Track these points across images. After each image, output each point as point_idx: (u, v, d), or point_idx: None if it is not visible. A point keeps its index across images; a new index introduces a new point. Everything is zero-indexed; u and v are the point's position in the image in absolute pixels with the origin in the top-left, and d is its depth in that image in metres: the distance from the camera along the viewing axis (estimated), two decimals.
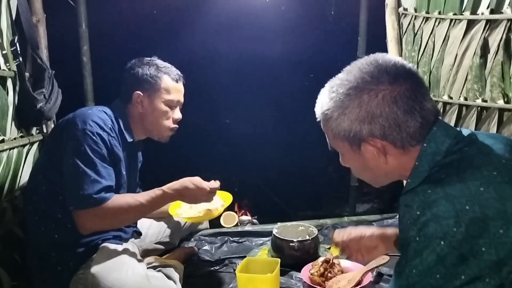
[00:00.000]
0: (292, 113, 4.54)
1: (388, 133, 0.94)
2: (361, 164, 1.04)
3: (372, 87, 0.94)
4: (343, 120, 0.97)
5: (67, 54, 2.47)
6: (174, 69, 1.82)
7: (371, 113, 0.94)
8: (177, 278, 1.70)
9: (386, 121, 0.93)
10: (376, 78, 0.95)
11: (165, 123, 1.80)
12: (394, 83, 0.94)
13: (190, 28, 3.94)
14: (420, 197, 0.87)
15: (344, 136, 0.99)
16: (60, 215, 1.61)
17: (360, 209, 3.76)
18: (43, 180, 1.64)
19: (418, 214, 0.85)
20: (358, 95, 0.95)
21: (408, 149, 0.96)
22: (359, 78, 0.96)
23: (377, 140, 0.96)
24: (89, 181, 1.52)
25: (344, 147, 1.03)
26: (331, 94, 1.00)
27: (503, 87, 2.01)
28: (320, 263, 1.82)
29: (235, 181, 4.25)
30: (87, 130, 1.56)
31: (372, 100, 0.94)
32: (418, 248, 0.85)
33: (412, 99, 0.93)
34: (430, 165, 0.94)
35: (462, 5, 2.14)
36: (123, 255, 1.61)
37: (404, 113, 0.93)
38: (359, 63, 1.00)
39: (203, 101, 4.19)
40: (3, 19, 1.82)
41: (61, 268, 1.60)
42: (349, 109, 0.96)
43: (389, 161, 0.99)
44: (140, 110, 1.77)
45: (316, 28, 4.04)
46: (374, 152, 0.98)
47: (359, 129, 0.96)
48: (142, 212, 1.65)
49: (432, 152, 0.94)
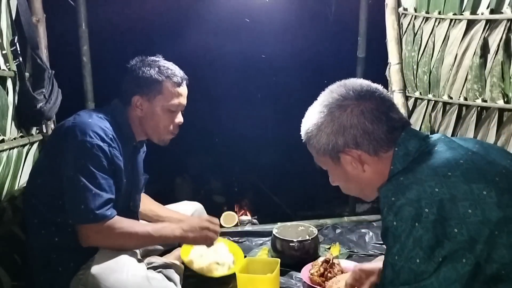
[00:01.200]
0: (292, 113, 4.53)
1: (360, 142, 1.05)
2: (344, 177, 1.14)
3: (341, 103, 1.07)
4: (321, 136, 1.09)
5: (67, 54, 2.47)
6: (178, 71, 1.75)
7: (342, 125, 1.06)
8: (177, 280, 1.69)
9: (356, 131, 1.05)
10: (344, 96, 1.08)
11: (166, 128, 1.75)
12: (360, 99, 1.06)
13: (190, 28, 3.94)
14: (394, 184, 0.96)
15: (325, 150, 1.10)
16: (60, 219, 1.59)
17: (360, 209, 3.76)
18: (42, 185, 1.62)
19: (393, 200, 0.92)
20: (330, 111, 1.08)
21: (380, 156, 1.06)
22: (330, 97, 1.10)
23: (352, 150, 1.06)
24: (90, 195, 1.51)
25: (327, 162, 1.14)
26: (309, 115, 1.14)
27: (503, 87, 2.01)
28: (320, 263, 1.82)
29: (235, 181, 4.26)
30: (87, 143, 1.52)
31: (342, 115, 1.06)
32: (397, 233, 0.90)
33: (377, 110, 1.05)
34: (403, 166, 1.03)
35: (462, 5, 2.15)
36: (123, 256, 1.60)
37: (371, 123, 1.04)
38: (331, 87, 1.14)
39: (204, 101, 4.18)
40: (3, 19, 1.82)
41: (61, 269, 1.60)
42: (324, 125, 1.08)
43: (366, 169, 1.08)
44: (140, 114, 1.72)
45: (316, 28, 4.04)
46: (352, 162, 1.08)
47: (335, 141, 1.07)
48: (148, 242, 1.69)
49: (404, 153, 1.04)
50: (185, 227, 1.68)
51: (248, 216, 2.77)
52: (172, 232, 1.67)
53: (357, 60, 2.71)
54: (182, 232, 1.67)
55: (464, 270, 0.84)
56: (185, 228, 1.68)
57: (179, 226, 1.69)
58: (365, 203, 3.96)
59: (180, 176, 4.14)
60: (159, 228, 1.67)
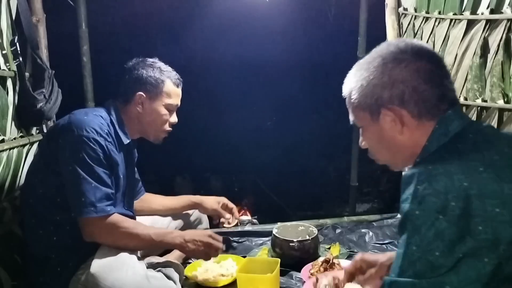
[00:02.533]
0: (292, 113, 4.55)
1: (407, 100, 0.99)
2: (378, 136, 1.07)
3: (397, 57, 1.00)
4: (366, 87, 1.03)
5: (67, 54, 2.48)
6: (175, 73, 1.84)
7: (393, 78, 0.99)
8: (177, 278, 1.70)
9: (406, 87, 0.98)
10: (402, 51, 1.01)
11: (162, 126, 1.82)
12: (417, 57, 1.00)
13: (190, 28, 3.94)
14: (421, 171, 0.90)
15: (366, 104, 1.04)
16: (59, 217, 1.61)
17: (360, 209, 3.77)
18: (39, 184, 1.64)
19: (418, 187, 0.88)
20: (383, 63, 1.01)
21: (423, 122, 1.00)
22: (386, 50, 1.03)
23: (396, 107, 1.00)
24: (90, 188, 1.54)
25: (364, 118, 1.07)
26: (357, 67, 1.08)
27: (503, 87, 2.01)
28: (320, 263, 1.83)
29: (235, 181, 4.26)
30: (83, 137, 1.56)
31: (395, 68, 0.99)
32: (418, 223, 0.86)
33: (433, 72, 0.99)
34: (438, 146, 0.98)
35: (462, 5, 2.14)
36: (123, 255, 1.60)
37: (424, 83, 0.98)
38: (387, 42, 1.08)
39: (203, 101, 4.19)
40: (3, 19, 1.82)
41: (60, 269, 1.60)
42: (373, 75, 1.02)
43: (404, 132, 1.02)
44: (140, 111, 1.78)
45: (316, 28, 4.04)
46: (392, 120, 1.01)
47: (381, 95, 1.01)
48: (148, 245, 1.69)
49: (441, 133, 0.98)
50: (187, 238, 1.68)
51: (248, 216, 2.77)
52: (172, 239, 1.67)
53: (357, 60, 2.71)
54: (183, 242, 1.67)
55: (485, 270, 0.82)
56: (186, 238, 1.68)
57: (181, 235, 1.69)
58: (365, 203, 3.97)
59: (180, 176, 4.15)
60: (161, 234, 1.68)
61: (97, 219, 1.55)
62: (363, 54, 2.68)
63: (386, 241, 2.27)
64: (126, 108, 1.78)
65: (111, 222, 1.57)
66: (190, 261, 2.06)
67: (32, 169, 1.75)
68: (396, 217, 2.51)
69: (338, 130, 3.37)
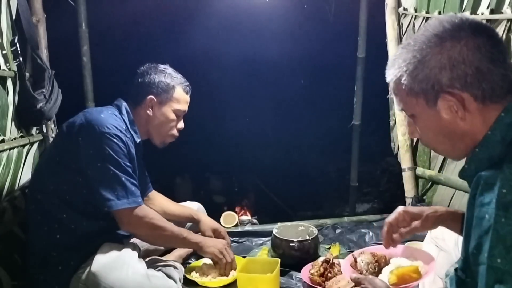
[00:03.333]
0: (292, 113, 4.54)
1: (470, 82, 0.88)
2: (435, 124, 0.95)
3: (454, 34, 0.89)
4: (421, 69, 0.91)
5: (67, 54, 2.47)
6: (185, 80, 1.90)
7: (453, 59, 0.88)
8: (177, 278, 1.70)
9: (469, 68, 0.87)
10: (458, 26, 0.90)
11: (169, 130, 1.87)
12: (476, 32, 0.89)
13: (190, 28, 3.94)
14: (507, 175, 0.80)
15: (421, 89, 0.92)
16: (65, 215, 1.63)
17: (360, 209, 3.76)
18: (50, 180, 1.66)
19: (504, 192, 0.79)
20: (439, 42, 0.90)
21: (487, 106, 0.89)
22: (440, 27, 0.91)
23: (456, 91, 0.89)
24: (120, 181, 1.61)
25: (418, 105, 0.95)
26: (407, 48, 0.94)
27: None
28: (320, 263, 1.83)
29: (235, 181, 4.26)
30: (106, 133, 1.61)
31: (454, 46, 0.88)
32: (502, 232, 0.77)
33: (495, 50, 0.89)
34: (503, 136, 0.88)
35: (462, 5, 2.15)
36: (124, 255, 1.61)
37: (488, 61, 0.88)
38: (438, 18, 0.95)
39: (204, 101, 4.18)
40: (3, 19, 1.82)
41: (61, 268, 1.61)
42: (428, 57, 0.90)
43: (467, 118, 0.90)
44: (150, 114, 1.82)
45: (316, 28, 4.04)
46: (453, 106, 0.90)
47: (439, 78, 0.89)
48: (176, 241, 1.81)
49: (509, 122, 0.88)
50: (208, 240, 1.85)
51: (248, 216, 2.77)
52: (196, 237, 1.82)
53: (357, 60, 2.72)
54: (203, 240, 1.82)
55: None
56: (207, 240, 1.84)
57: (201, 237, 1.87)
58: (365, 203, 3.96)
59: (180, 176, 4.14)
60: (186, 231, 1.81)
61: (131, 209, 1.62)
62: (363, 54, 2.71)
63: None
64: (136, 110, 1.82)
65: (144, 214, 1.66)
66: (190, 261, 2.06)
67: (43, 166, 1.77)
68: None
69: (338, 130, 3.37)
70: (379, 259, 1.47)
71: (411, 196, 2.67)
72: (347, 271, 1.43)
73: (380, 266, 1.45)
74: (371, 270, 1.45)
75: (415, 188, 2.67)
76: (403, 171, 2.70)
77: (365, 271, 1.44)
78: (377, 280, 1.17)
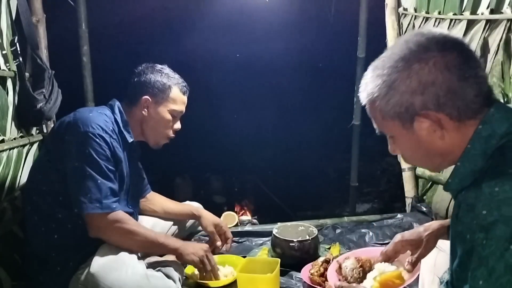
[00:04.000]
0: (292, 113, 4.55)
1: (443, 102, 0.86)
2: (414, 145, 0.95)
3: (421, 56, 0.87)
4: (392, 95, 0.90)
5: (67, 54, 2.47)
6: (182, 80, 1.86)
7: (423, 82, 0.87)
8: (176, 278, 1.70)
9: (440, 89, 0.86)
10: (425, 46, 0.88)
11: (165, 131, 1.84)
12: (444, 50, 0.87)
13: (190, 28, 3.94)
14: (486, 195, 0.80)
15: (395, 113, 0.91)
16: (61, 215, 1.62)
17: (360, 209, 3.76)
18: (43, 181, 1.65)
19: (484, 213, 0.78)
20: (407, 65, 0.88)
21: (464, 123, 0.88)
22: (406, 49, 0.89)
23: (431, 112, 0.88)
24: (96, 184, 1.56)
25: (395, 127, 0.94)
26: (376, 72, 0.93)
27: (503, 87, 2.01)
28: (320, 263, 1.82)
29: (235, 181, 4.26)
30: (89, 133, 1.58)
31: (422, 68, 0.87)
32: (484, 254, 0.77)
33: (466, 65, 0.87)
34: (483, 149, 0.87)
35: (462, 5, 2.14)
36: (123, 255, 1.61)
37: (459, 79, 0.86)
38: (404, 37, 0.94)
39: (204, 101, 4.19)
40: (3, 19, 1.82)
41: (60, 268, 1.60)
42: (397, 82, 0.89)
43: (445, 136, 0.90)
44: (144, 114, 1.79)
45: (316, 28, 4.04)
46: (429, 127, 0.89)
47: (411, 102, 0.88)
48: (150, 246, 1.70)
49: (487, 135, 0.87)
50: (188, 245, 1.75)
51: (248, 216, 2.77)
52: (174, 243, 1.72)
53: (357, 60, 2.71)
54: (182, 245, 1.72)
55: None
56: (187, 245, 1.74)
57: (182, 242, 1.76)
58: (365, 203, 3.96)
59: (180, 176, 4.14)
60: (163, 236, 1.74)
61: (103, 215, 1.57)
62: (363, 54, 2.71)
63: (386, 241, 2.26)
64: (131, 110, 1.80)
65: (116, 219, 1.59)
66: None
67: (36, 166, 1.77)
68: (396, 217, 2.51)
69: (338, 130, 3.37)
70: (363, 263, 1.47)
71: (411, 196, 2.67)
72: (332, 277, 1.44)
73: (364, 271, 1.45)
74: (355, 276, 1.45)
75: (415, 188, 2.67)
76: (403, 171, 2.70)
77: (349, 277, 1.44)
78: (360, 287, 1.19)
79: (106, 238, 1.62)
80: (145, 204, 2.07)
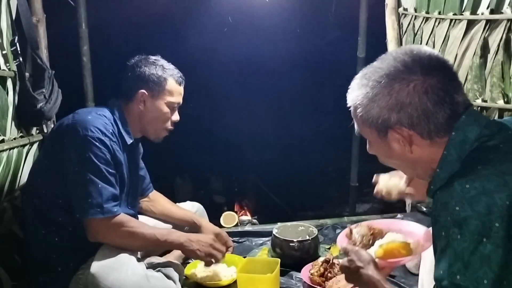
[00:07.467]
0: (292, 113, 4.55)
1: (416, 123, 0.94)
2: (386, 152, 1.04)
3: (404, 76, 0.94)
4: (372, 107, 0.97)
5: (67, 54, 2.47)
6: (177, 71, 1.82)
7: (400, 101, 0.94)
8: (176, 278, 1.70)
9: (415, 111, 0.93)
10: (409, 68, 0.94)
11: (163, 124, 1.81)
12: (426, 74, 0.93)
13: (190, 28, 3.94)
14: (458, 192, 0.84)
15: (372, 123, 0.99)
16: (61, 218, 1.61)
17: (360, 209, 3.76)
18: (42, 184, 1.64)
19: (457, 210, 0.82)
20: (390, 83, 0.95)
21: (435, 141, 0.95)
22: (392, 66, 0.96)
23: (404, 129, 0.95)
24: (96, 188, 1.54)
25: (371, 134, 1.03)
26: (362, 81, 1.00)
27: (503, 87, 2.01)
28: (320, 263, 1.82)
29: (235, 181, 4.26)
30: (89, 137, 1.55)
31: (403, 89, 0.93)
32: (459, 249, 0.81)
33: (443, 91, 0.93)
34: (458, 154, 0.93)
35: (462, 5, 2.14)
36: (123, 255, 1.61)
37: (433, 105, 0.92)
38: (394, 52, 1.00)
39: (204, 101, 4.19)
40: (3, 19, 1.82)
41: (61, 269, 1.60)
42: (379, 96, 0.96)
43: (414, 151, 0.98)
44: (141, 108, 1.76)
45: (316, 28, 4.04)
46: (400, 141, 0.97)
47: (387, 117, 0.96)
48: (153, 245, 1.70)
49: (461, 140, 0.93)
50: (192, 238, 1.70)
51: (248, 216, 2.77)
52: (177, 238, 1.69)
53: (357, 60, 2.71)
54: (187, 240, 1.68)
55: None
56: (191, 238, 1.70)
57: (185, 235, 1.71)
58: (365, 203, 3.96)
59: (180, 176, 4.15)
60: (165, 233, 1.70)
61: (104, 219, 1.55)
62: (363, 54, 2.71)
63: None
64: (128, 106, 1.77)
65: (117, 222, 1.58)
66: (190, 261, 2.05)
67: (36, 169, 1.76)
68: (396, 217, 2.51)
69: (338, 130, 3.37)
70: (375, 232, 1.46)
71: None
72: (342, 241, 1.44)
73: (375, 239, 1.45)
74: (364, 242, 1.44)
75: None
76: None
77: (358, 243, 1.43)
78: (363, 252, 1.21)
79: (109, 242, 1.60)
80: (147, 205, 2.06)
